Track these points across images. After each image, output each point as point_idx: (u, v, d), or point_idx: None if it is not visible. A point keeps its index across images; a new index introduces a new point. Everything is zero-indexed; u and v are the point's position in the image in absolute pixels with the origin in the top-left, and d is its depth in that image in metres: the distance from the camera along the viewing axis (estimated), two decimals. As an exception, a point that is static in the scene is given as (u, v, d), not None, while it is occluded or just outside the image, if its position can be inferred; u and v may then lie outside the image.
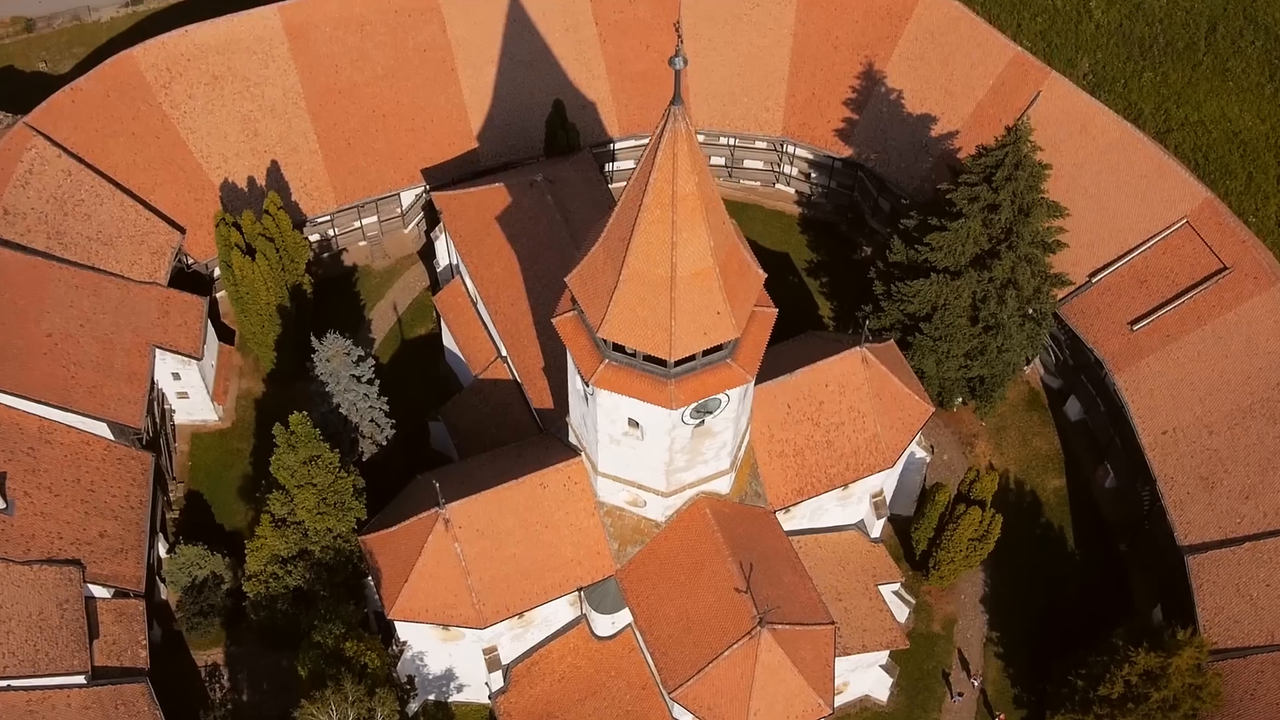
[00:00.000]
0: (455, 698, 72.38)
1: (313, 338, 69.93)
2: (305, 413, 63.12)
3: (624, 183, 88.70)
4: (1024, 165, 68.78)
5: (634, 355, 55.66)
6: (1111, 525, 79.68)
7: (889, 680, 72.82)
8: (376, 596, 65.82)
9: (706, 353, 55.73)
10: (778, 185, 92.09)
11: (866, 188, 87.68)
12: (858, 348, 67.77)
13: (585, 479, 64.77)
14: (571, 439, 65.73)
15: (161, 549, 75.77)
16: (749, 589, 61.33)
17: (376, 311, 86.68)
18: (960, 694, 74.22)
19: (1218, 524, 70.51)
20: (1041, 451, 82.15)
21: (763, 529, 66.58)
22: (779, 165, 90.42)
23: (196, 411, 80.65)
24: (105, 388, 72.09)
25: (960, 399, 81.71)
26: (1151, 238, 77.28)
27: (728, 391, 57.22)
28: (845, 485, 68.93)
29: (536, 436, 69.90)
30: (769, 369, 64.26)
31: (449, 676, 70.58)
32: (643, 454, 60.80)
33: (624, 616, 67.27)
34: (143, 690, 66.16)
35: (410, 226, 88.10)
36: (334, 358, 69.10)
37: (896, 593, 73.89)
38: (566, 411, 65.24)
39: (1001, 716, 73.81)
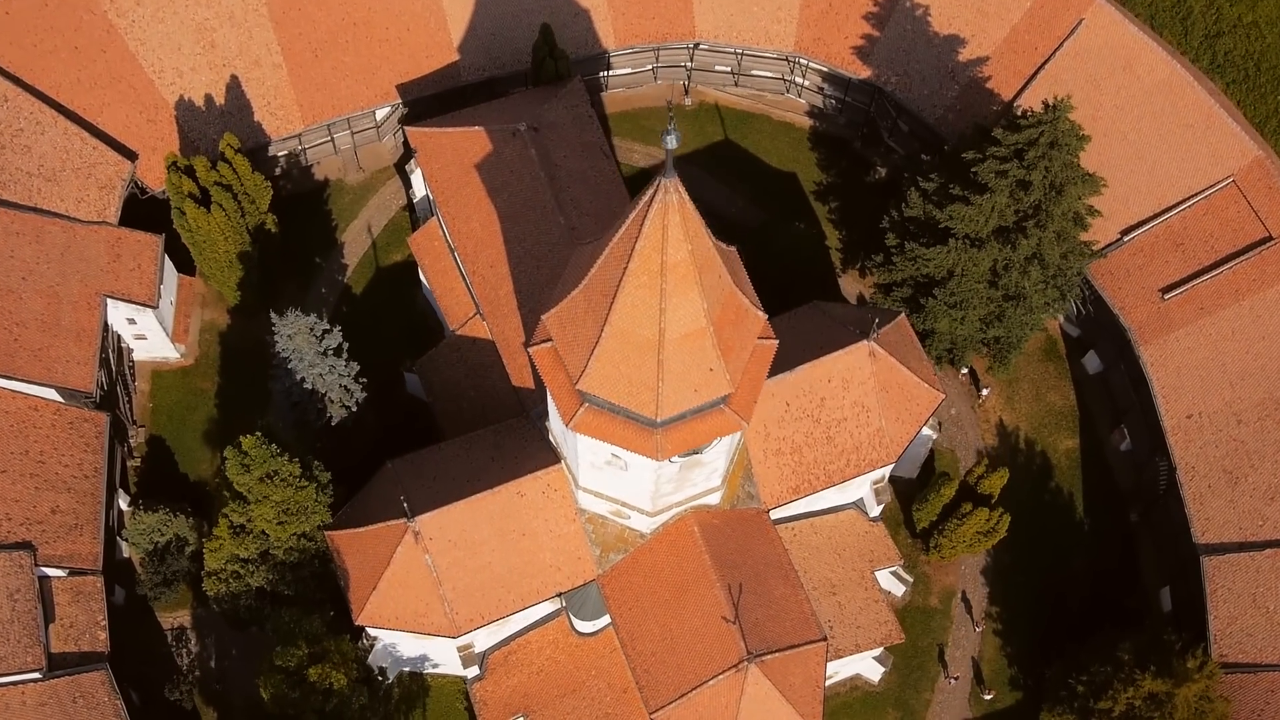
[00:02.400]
0: (431, 671, 69.74)
1: (272, 314, 64.27)
2: (259, 434, 58.11)
3: (620, 90, 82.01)
4: (1060, 145, 61.77)
5: (618, 401, 50.56)
6: (1124, 492, 75.51)
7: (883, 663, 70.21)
8: (345, 596, 62.38)
9: (698, 400, 50.64)
10: (788, 94, 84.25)
11: (885, 106, 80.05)
12: (864, 341, 62.25)
13: (565, 485, 60.36)
14: (552, 439, 61.03)
15: (123, 502, 71.86)
16: (737, 619, 57.73)
17: (349, 233, 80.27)
18: (956, 676, 71.51)
19: (1238, 524, 66.39)
20: (1055, 407, 77.27)
21: (754, 535, 62.47)
22: (790, 75, 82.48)
23: (156, 350, 75.40)
24: (52, 349, 66.85)
25: (985, 391, 77.22)
26: (1193, 196, 70.66)
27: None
28: (845, 481, 64.58)
29: (515, 421, 64.90)
30: None
31: (423, 658, 67.75)
32: (627, 480, 56.24)
33: (606, 618, 63.79)
34: (102, 678, 63.08)
35: (387, 138, 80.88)
36: (296, 335, 63.64)
37: (894, 573, 70.46)
38: (548, 394, 60.30)
39: (993, 693, 71.35)
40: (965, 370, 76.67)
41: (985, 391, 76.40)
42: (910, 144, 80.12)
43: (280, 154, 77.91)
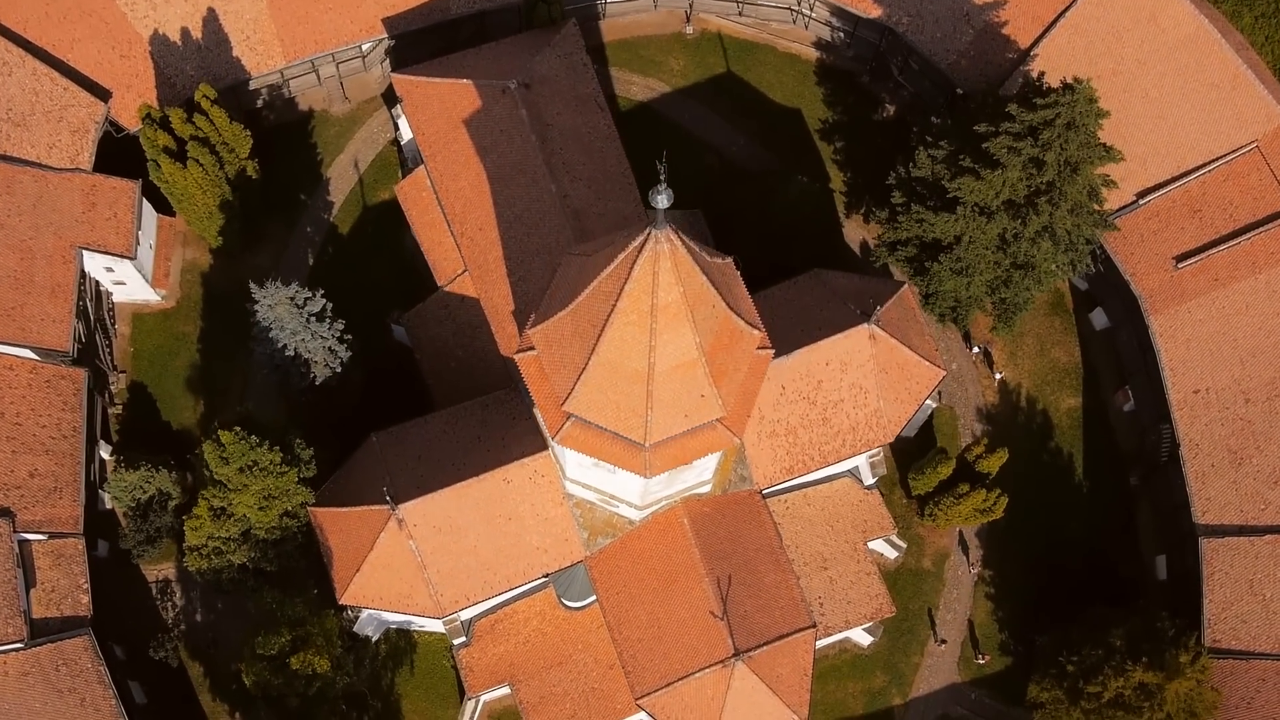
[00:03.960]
0: (417, 628, 69.26)
1: (251, 285, 61.89)
2: (238, 429, 56.28)
3: (618, 17, 78.44)
4: (1077, 126, 58.65)
5: (606, 417, 48.71)
6: (1125, 454, 73.97)
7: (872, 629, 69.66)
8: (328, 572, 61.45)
9: (688, 417, 48.81)
10: (795, 24, 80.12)
11: (896, 43, 76.10)
12: (864, 325, 60.14)
13: (553, 471, 58.88)
14: (539, 422, 59.27)
15: (104, 452, 70.51)
16: (725, 615, 56.88)
17: (335, 168, 77.05)
18: (944, 640, 71.09)
19: (1240, 507, 65.07)
20: (1060, 364, 75.21)
21: (745, 518, 61.28)
22: (798, 6, 78.31)
23: (136, 294, 73.07)
24: (26, 307, 64.75)
25: (999, 376, 74.90)
26: (1213, 160, 67.64)
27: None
28: (840, 462, 63.17)
29: (503, 394, 63.13)
30: (764, 323, 56.15)
31: (408, 621, 67.21)
32: (616, 479, 54.73)
33: (594, 596, 63.00)
34: (85, 644, 62.52)
35: (374, 68, 77.06)
36: (277, 305, 61.41)
37: (887, 539, 69.43)
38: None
39: (987, 658, 71.07)
40: (977, 349, 74.42)
41: (999, 376, 74.21)
42: (920, 82, 76.59)
43: (262, 87, 74.35)
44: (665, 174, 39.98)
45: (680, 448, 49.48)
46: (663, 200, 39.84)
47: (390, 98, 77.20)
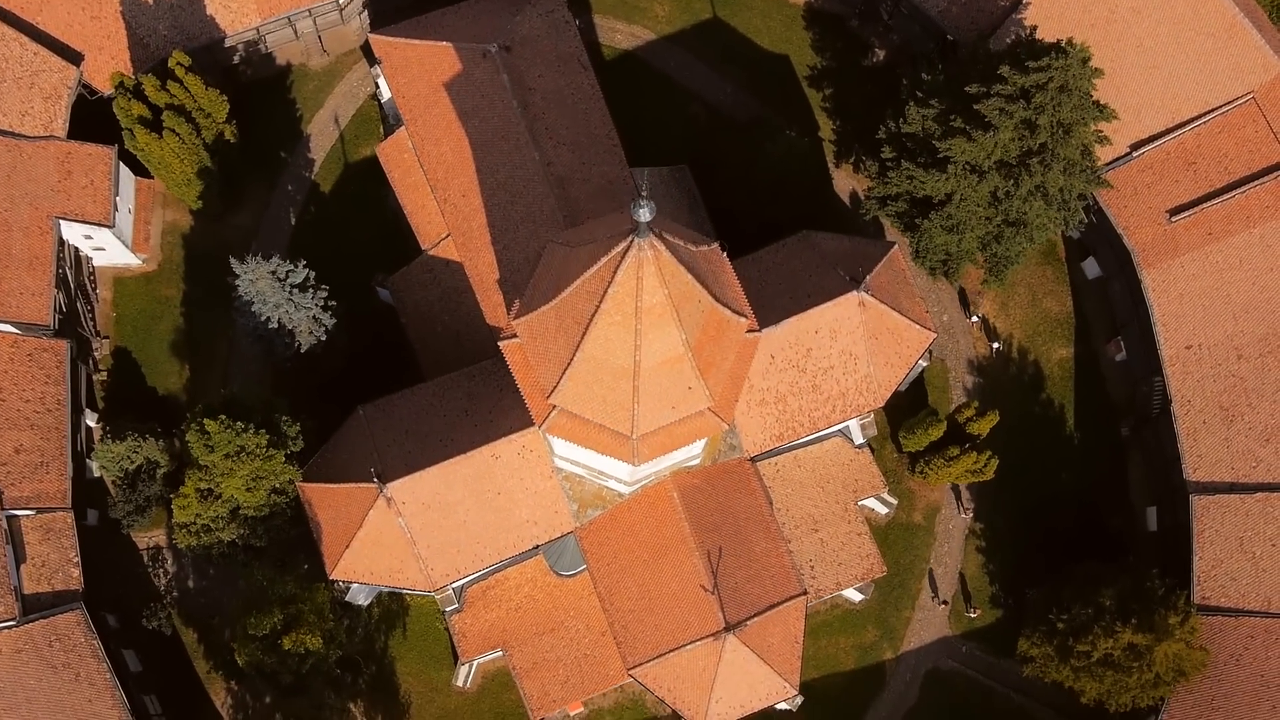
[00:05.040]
0: (409, 592, 69.34)
1: (232, 260, 60.93)
2: (222, 418, 55.61)
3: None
4: (1071, 89, 57.40)
5: (592, 407, 48.21)
6: (1116, 404, 73.65)
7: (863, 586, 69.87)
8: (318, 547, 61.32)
9: (676, 405, 48.32)
10: (782, -34, 78.40)
11: (885, -14, 74.61)
12: (854, 292, 59.39)
13: (541, 446, 58.42)
14: (527, 395, 58.85)
15: (90, 420, 69.99)
16: (716, 589, 56.91)
17: (315, 124, 75.58)
18: (946, 601, 71.27)
19: (1231, 464, 64.99)
20: (1051, 314, 74.57)
21: (735, 488, 61.07)
22: (785, -52, 76.61)
23: (117, 258, 72.03)
24: (4, 281, 63.87)
25: (997, 345, 74.07)
26: (1209, 112, 66.53)
27: (700, 437, 50.32)
28: (830, 427, 62.83)
29: (490, 364, 62.39)
30: (753, 289, 55.75)
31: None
32: (603, 458, 54.32)
33: (584, 566, 62.99)
34: (77, 619, 62.59)
35: (352, 20, 75.20)
36: (259, 280, 60.53)
37: (878, 497, 69.32)
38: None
39: (978, 612, 71.37)
40: (976, 318, 73.67)
41: (997, 346, 73.50)
42: (910, 27, 74.96)
43: (238, 44, 72.57)
44: (647, 190, 39.10)
45: (668, 435, 49.08)
46: (644, 214, 38.97)
47: (370, 51, 75.37)
